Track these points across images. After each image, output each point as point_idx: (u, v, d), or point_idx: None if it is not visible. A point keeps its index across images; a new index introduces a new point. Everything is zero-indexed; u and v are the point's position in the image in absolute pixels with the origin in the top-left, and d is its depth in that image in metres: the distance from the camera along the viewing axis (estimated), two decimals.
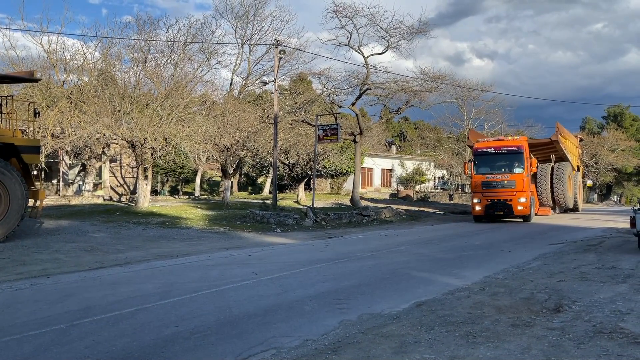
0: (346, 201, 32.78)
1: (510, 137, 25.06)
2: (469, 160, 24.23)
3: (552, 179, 27.15)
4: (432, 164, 54.99)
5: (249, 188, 49.84)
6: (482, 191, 22.76)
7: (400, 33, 27.27)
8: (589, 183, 59.28)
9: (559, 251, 12.72)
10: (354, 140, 29.97)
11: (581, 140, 34.99)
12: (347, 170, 40.77)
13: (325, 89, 29.73)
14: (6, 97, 15.75)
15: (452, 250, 13.36)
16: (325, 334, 5.81)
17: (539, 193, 26.79)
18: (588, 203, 55.91)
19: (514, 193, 22.15)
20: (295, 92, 34.86)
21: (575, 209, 30.06)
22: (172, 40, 28.81)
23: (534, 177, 26.49)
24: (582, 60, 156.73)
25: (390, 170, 53.55)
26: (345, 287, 8.46)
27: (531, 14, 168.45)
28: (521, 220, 22.89)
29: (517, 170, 22.52)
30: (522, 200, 22.05)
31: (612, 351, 4.82)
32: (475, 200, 23.09)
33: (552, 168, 27.55)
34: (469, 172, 23.82)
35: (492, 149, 23.30)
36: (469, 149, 29.64)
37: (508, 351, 4.96)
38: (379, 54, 28.79)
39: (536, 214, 25.32)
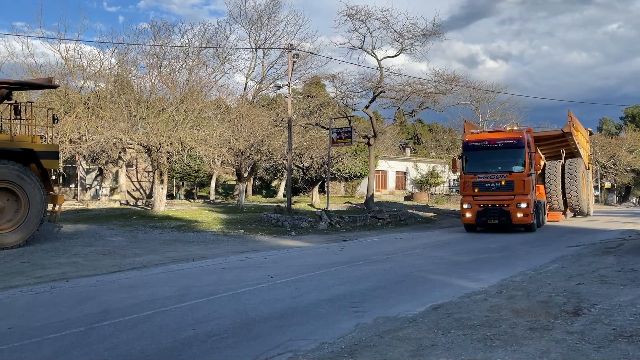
0: (360, 204, 32.72)
1: (509, 128, 21.21)
2: (458, 156, 19.93)
3: (563, 178, 24.00)
4: (447, 166, 54.72)
5: (264, 191, 50.02)
6: (474, 194, 18.76)
7: (414, 36, 27.24)
8: (607, 184, 58.55)
9: (576, 254, 12.56)
10: (368, 143, 29.92)
11: (591, 133, 30.60)
12: (361, 173, 40.72)
13: (338, 93, 29.77)
14: (25, 103, 16.01)
15: (468, 253, 13.27)
16: (342, 337, 5.81)
17: (548, 195, 23.62)
18: (606, 205, 55.20)
19: (512, 197, 18.13)
20: (308, 96, 34.95)
21: (586, 213, 26.47)
22: (186, 45, 29.06)
23: (542, 176, 23.70)
24: (597, 61, 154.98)
25: (405, 173, 53.38)
26: (360, 290, 8.44)
27: (545, 16, 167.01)
28: (522, 229, 18.96)
29: (516, 168, 18.38)
30: (522, 205, 18.07)
31: (633, 354, 4.75)
32: (465, 206, 18.95)
33: (563, 166, 24.37)
34: (459, 171, 19.89)
35: (486, 143, 19.05)
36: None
37: (527, 355, 4.91)
38: (393, 56, 28.78)
39: (548, 221, 22.69)
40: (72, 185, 31.79)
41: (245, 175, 29.82)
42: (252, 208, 27.30)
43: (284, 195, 36.54)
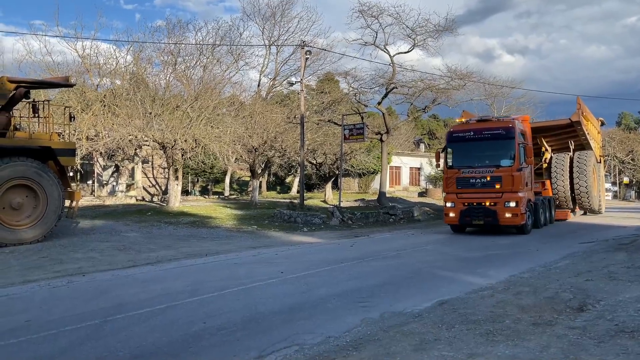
0: (374, 200, 32.81)
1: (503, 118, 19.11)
2: (441, 149, 17.84)
3: (571, 172, 22.16)
4: None
5: (278, 187, 50.31)
6: (457, 191, 16.74)
7: (427, 32, 27.18)
8: (626, 180, 57.79)
9: (588, 250, 12.54)
10: (381, 140, 29.97)
11: (603, 124, 27.66)
12: (374, 169, 40.77)
13: (351, 89, 29.83)
14: (43, 101, 16.36)
15: (478, 249, 13.32)
16: (347, 331, 5.95)
17: (554, 191, 21.86)
18: (624, 201, 54.48)
19: (500, 194, 16.00)
20: (322, 92, 35.06)
21: (597, 211, 24.31)
22: (200, 43, 29.34)
23: (548, 171, 22.23)
24: (616, 54, 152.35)
25: (419, 169, 53.23)
26: (369, 286, 8.57)
27: (563, 9, 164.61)
28: (514, 231, 16.76)
29: (504, 162, 16.19)
30: (511, 204, 15.88)
31: (632, 350, 4.82)
32: (448, 204, 17.01)
33: (572, 159, 22.43)
34: (443, 165, 17.57)
35: (471, 133, 16.88)
36: None
37: (527, 349, 5.00)
38: (405, 52, 28.78)
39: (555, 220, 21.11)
40: (89, 182, 32.32)
41: (259, 171, 30.08)
42: (266, 204, 27.55)
43: (298, 191, 36.80)
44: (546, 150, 22.42)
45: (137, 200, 28.01)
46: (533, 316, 6.28)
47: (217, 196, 36.93)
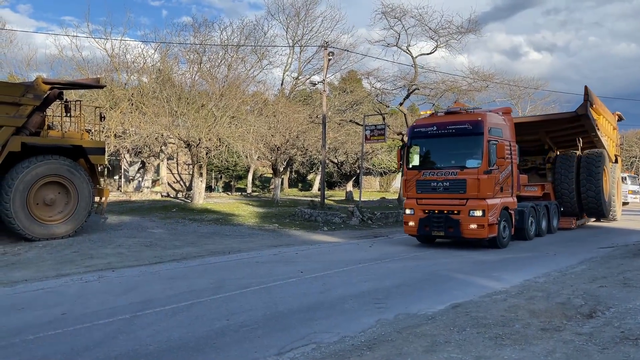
0: (394, 199, 32.95)
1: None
2: (401, 146, 15.50)
3: (578, 174, 19.53)
4: None
5: (299, 185, 50.77)
6: (417, 196, 14.28)
7: (449, 33, 27.19)
8: None
9: (606, 255, 12.57)
10: (402, 140, 30.07)
11: (620, 119, 24.10)
12: (396, 169, 40.86)
13: (373, 89, 30.03)
14: (74, 101, 17.00)
15: (494, 252, 13.45)
16: (363, 332, 6.25)
17: (558, 195, 19.49)
18: None
19: (464, 202, 13.51)
20: (344, 91, 35.30)
21: (612, 218, 21.88)
22: (225, 44, 29.85)
23: (552, 172, 19.84)
24: None
25: None
26: (385, 287, 8.85)
27: (592, 5, 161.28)
28: (487, 244, 14.09)
29: (469, 162, 13.66)
30: (476, 213, 13.33)
31: (634, 357, 5.01)
32: (407, 211, 14.57)
33: (579, 158, 19.81)
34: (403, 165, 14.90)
35: (434, 128, 14.27)
36: None
37: (533, 354, 5.24)
38: (428, 54, 28.82)
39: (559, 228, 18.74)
40: (117, 177, 33.21)
41: (281, 169, 30.50)
42: (287, 202, 27.97)
43: (319, 189, 37.14)
44: (550, 148, 20.49)
45: (162, 196, 28.71)
46: (543, 321, 6.49)
47: (240, 193, 37.53)
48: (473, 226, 13.39)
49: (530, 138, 19.62)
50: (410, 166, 14.62)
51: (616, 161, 22.84)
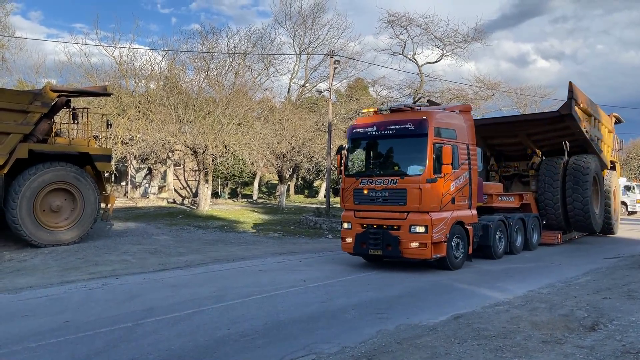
0: None
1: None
2: (337, 150, 13.19)
3: (564, 182, 17.01)
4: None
5: (306, 191, 50.81)
6: (355, 208, 12.22)
7: (455, 42, 27.24)
8: None
9: (611, 266, 12.47)
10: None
11: (618, 121, 21.78)
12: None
13: (379, 97, 30.08)
14: (82, 109, 17.15)
15: (499, 262, 13.39)
16: (363, 342, 6.24)
17: (541, 206, 17.11)
18: None
19: (404, 215, 11.39)
20: (350, 99, 35.37)
21: (607, 230, 19.86)
22: (233, 52, 30.03)
23: (536, 179, 17.57)
24: None
25: None
26: (387, 297, 8.84)
27: (600, 14, 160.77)
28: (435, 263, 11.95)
29: (411, 169, 11.50)
30: (418, 229, 11.24)
31: None
32: (344, 225, 12.50)
33: (566, 164, 17.26)
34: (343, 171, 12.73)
35: (374, 129, 12.23)
36: None
37: None
38: (433, 62, 28.89)
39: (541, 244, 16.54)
40: (123, 183, 33.41)
41: (287, 176, 30.58)
42: (293, 209, 28.01)
43: (325, 196, 37.17)
44: (534, 152, 18.31)
45: (168, 202, 28.83)
46: (544, 333, 6.46)
47: (245, 199, 37.61)
48: (414, 244, 11.31)
49: (510, 141, 18.32)
50: (348, 173, 12.53)
51: (613, 168, 20.69)
